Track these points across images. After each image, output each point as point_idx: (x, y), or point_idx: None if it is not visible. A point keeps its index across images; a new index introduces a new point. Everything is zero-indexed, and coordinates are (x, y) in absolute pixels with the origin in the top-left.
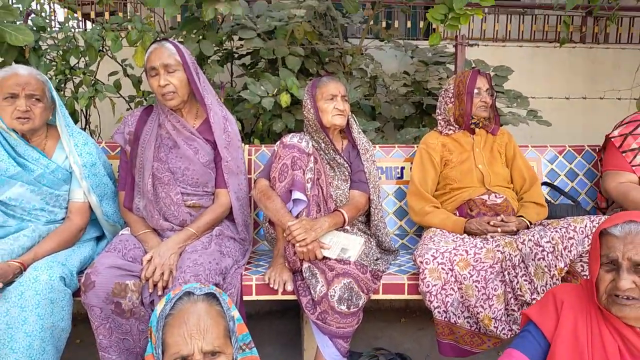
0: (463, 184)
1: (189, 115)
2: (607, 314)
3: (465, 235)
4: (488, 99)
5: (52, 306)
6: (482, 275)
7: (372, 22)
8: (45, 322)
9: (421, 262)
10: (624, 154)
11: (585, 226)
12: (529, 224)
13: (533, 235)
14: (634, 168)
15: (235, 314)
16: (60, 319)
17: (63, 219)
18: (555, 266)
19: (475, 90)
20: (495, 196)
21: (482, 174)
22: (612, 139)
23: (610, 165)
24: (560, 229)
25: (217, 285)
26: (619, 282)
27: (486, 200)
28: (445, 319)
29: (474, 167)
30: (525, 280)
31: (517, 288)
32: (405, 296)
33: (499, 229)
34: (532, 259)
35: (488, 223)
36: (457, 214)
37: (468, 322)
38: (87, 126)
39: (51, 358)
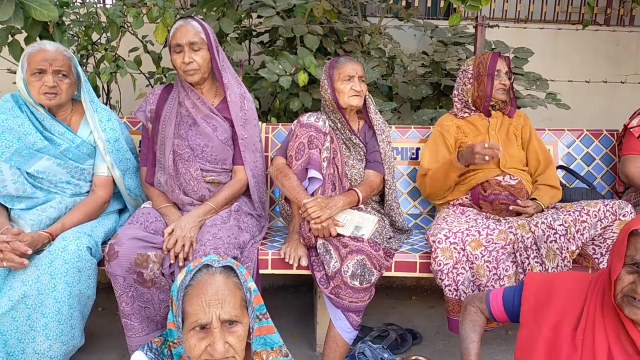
0: (478, 165)
1: (208, 93)
2: (607, 310)
3: (478, 216)
4: (507, 82)
5: (80, 274)
6: (493, 256)
7: (391, 1)
8: (73, 290)
9: (434, 242)
10: None
11: (599, 210)
12: (543, 207)
13: (546, 218)
14: None
15: (252, 285)
16: (87, 287)
17: (88, 192)
18: (567, 249)
19: (495, 73)
20: (510, 177)
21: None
22: (631, 129)
23: (632, 150)
24: (573, 212)
25: (235, 258)
26: (639, 287)
27: (501, 181)
28: (456, 297)
29: None
30: (536, 262)
31: (529, 269)
32: (417, 274)
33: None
34: (545, 241)
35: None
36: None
37: None
38: (108, 101)
39: (77, 323)
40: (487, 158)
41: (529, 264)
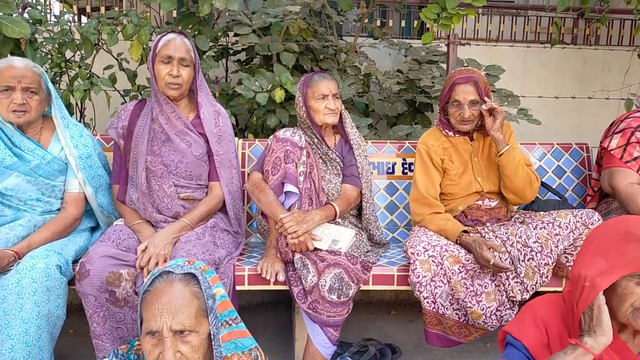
0: (460, 195)
1: (184, 109)
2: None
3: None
4: (467, 114)
5: (49, 294)
6: (469, 274)
7: (366, 21)
8: (41, 310)
9: (412, 253)
10: (627, 164)
11: (569, 221)
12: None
13: (520, 237)
14: None
15: (219, 291)
16: (56, 307)
17: (59, 209)
18: (545, 264)
19: (455, 103)
20: (489, 200)
21: (481, 187)
22: (611, 151)
23: (620, 164)
24: (547, 224)
25: None
26: None
27: (481, 205)
28: (434, 310)
29: (474, 180)
30: (516, 282)
31: (509, 290)
32: (395, 287)
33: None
34: (523, 260)
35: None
36: None
37: (457, 313)
38: (82, 119)
39: (46, 345)
40: (492, 262)
41: (509, 284)
